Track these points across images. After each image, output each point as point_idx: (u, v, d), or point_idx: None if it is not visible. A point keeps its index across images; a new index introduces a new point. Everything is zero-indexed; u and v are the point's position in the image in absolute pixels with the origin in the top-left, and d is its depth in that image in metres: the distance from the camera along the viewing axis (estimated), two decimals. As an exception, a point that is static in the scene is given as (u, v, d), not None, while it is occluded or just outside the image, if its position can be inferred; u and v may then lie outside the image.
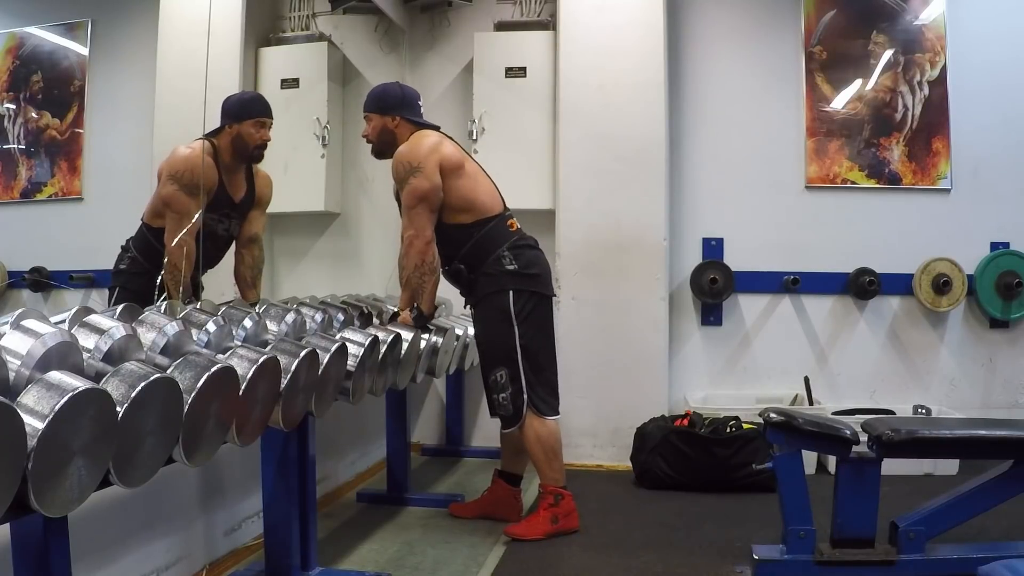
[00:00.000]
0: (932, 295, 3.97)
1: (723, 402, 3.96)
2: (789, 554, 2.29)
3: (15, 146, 2.84)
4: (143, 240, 2.62)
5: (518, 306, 2.80)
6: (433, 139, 2.85)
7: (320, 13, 4.00)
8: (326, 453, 3.26)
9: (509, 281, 2.81)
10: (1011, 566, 1.61)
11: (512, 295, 2.80)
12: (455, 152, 2.86)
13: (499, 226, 2.85)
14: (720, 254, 4.11)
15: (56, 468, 1.32)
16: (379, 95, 2.94)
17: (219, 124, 2.71)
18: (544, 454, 2.84)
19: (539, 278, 2.85)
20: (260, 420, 1.96)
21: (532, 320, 2.82)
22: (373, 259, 4.17)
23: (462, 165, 2.85)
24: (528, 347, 2.81)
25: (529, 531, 2.82)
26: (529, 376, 2.81)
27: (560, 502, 2.85)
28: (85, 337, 1.64)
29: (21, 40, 2.87)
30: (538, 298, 2.85)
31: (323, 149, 3.80)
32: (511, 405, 2.82)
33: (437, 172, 2.78)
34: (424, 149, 2.80)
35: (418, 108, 2.96)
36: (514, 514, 2.97)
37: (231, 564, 2.55)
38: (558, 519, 2.84)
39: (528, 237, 2.92)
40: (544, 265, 2.91)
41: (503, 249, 2.81)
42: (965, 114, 4.02)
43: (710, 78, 4.14)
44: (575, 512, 2.89)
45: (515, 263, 2.81)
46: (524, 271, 2.81)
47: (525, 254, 2.84)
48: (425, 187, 2.77)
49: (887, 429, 2.29)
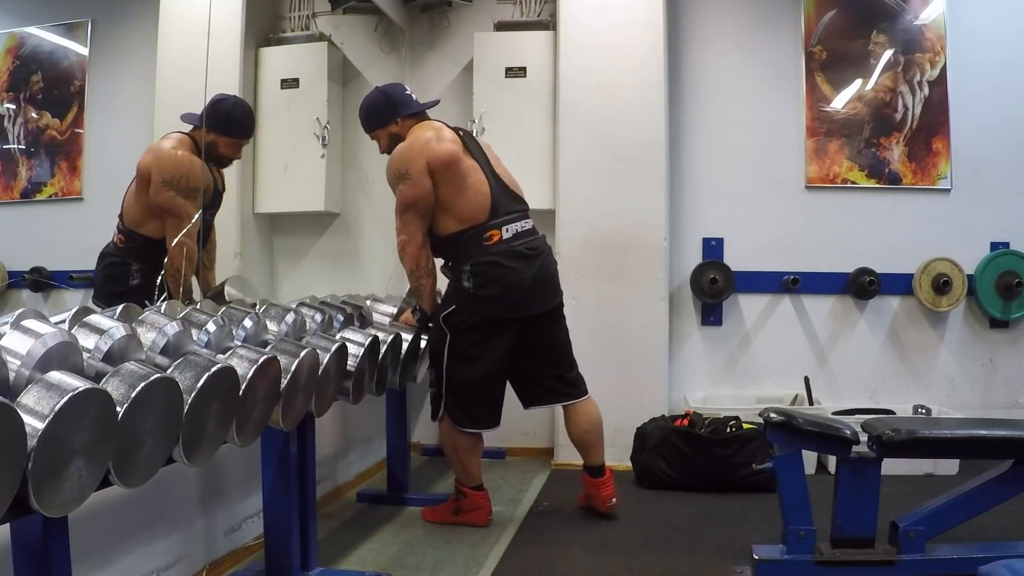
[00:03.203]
0: (932, 295, 3.97)
1: (723, 402, 3.96)
2: (789, 554, 2.29)
3: (15, 146, 2.83)
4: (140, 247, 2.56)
5: (457, 318, 2.83)
6: (425, 137, 2.81)
7: (320, 13, 4.00)
8: (326, 453, 3.26)
9: (457, 298, 2.84)
10: (1011, 566, 1.61)
11: (455, 307, 2.83)
12: (446, 150, 2.79)
13: (475, 238, 2.78)
14: (720, 254, 4.11)
15: (56, 468, 1.32)
16: (368, 111, 2.95)
17: (200, 123, 2.65)
18: (453, 455, 2.99)
19: (491, 300, 2.78)
20: (260, 420, 1.96)
21: (469, 335, 2.82)
22: (373, 259, 4.17)
23: (452, 164, 2.78)
24: (457, 358, 2.84)
25: (434, 516, 3.05)
26: (453, 385, 2.86)
27: (461, 499, 3.00)
28: (85, 337, 1.64)
29: (21, 40, 2.87)
30: (484, 318, 2.81)
31: (323, 149, 3.80)
32: (431, 403, 2.98)
33: (425, 175, 2.76)
34: (413, 152, 2.78)
35: (409, 99, 2.93)
36: (599, 502, 3.05)
37: (231, 564, 2.55)
38: (459, 511, 3.00)
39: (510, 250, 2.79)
40: (511, 285, 2.78)
41: (466, 264, 2.79)
42: (965, 114, 4.02)
43: (710, 78, 4.14)
44: (482, 510, 3.00)
45: (471, 280, 2.78)
46: (476, 292, 2.78)
47: (487, 272, 2.77)
48: (412, 195, 2.77)
49: (887, 429, 2.29)
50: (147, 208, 2.55)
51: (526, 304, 2.83)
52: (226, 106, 2.72)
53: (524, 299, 2.82)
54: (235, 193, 3.38)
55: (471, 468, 2.99)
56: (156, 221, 2.55)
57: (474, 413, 2.90)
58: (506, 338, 2.86)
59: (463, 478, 3.00)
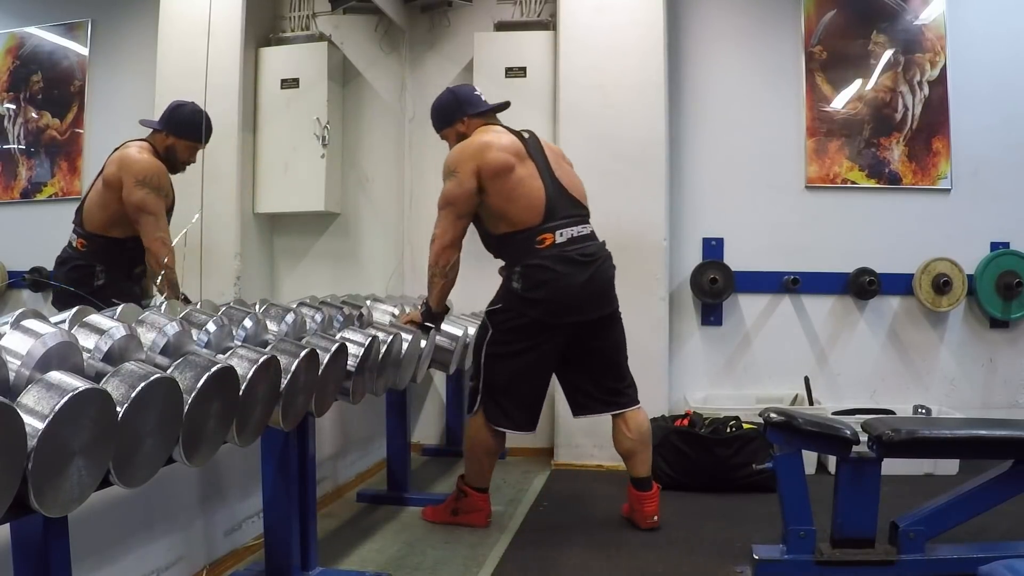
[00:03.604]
0: (932, 295, 3.97)
1: (723, 402, 3.96)
2: (789, 554, 2.29)
3: (15, 146, 2.84)
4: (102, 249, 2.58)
5: (503, 316, 2.82)
6: (482, 141, 2.83)
7: (320, 13, 4.00)
8: (326, 453, 3.26)
9: (504, 298, 2.83)
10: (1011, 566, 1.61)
11: (501, 306, 2.83)
12: (498, 159, 2.78)
13: (527, 241, 2.76)
14: (720, 254, 4.11)
15: (56, 468, 1.32)
16: (437, 110, 3.01)
17: (159, 127, 2.69)
18: (471, 452, 2.97)
19: (538, 303, 2.75)
20: (260, 420, 1.96)
21: (511, 334, 2.80)
22: (373, 259, 4.18)
23: (502, 173, 2.77)
24: (496, 355, 2.83)
25: (434, 516, 3.04)
26: (489, 381, 2.86)
27: (463, 499, 2.98)
28: (85, 337, 1.64)
29: (21, 40, 2.87)
30: (530, 321, 2.78)
31: (323, 149, 3.80)
32: (469, 396, 2.99)
33: (472, 178, 2.76)
34: (465, 155, 2.81)
35: (477, 99, 2.97)
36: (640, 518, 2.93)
37: (231, 564, 2.55)
38: (458, 512, 2.98)
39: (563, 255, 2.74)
40: (559, 290, 2.73)
41: (517, 266, 2.78)
42: (965, 114, 4.03)
43: (710, 78, 4.14)
44: (482, 511, 2.98)
45: (520, 282, 2.77)
46: (524, 293, 2.76)
47: (536, 275, 2.74)
48: (454, 193, 2.79)
49: (887, 429, 2.29)
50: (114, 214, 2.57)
51: (573, 310, 2.78)
52: (186, 111, 2.75)
53: (572, 305, 2.77)
54: (235, 193, 3.39)
55: (485, 469, 2.96)
56: (121, 225, 2.58)
57: (509, 412, 2.86)
58: (552, 344, 2.82)
59: (473, 477, 2.97)
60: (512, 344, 2.81)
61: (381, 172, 4.20)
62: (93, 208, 2.59)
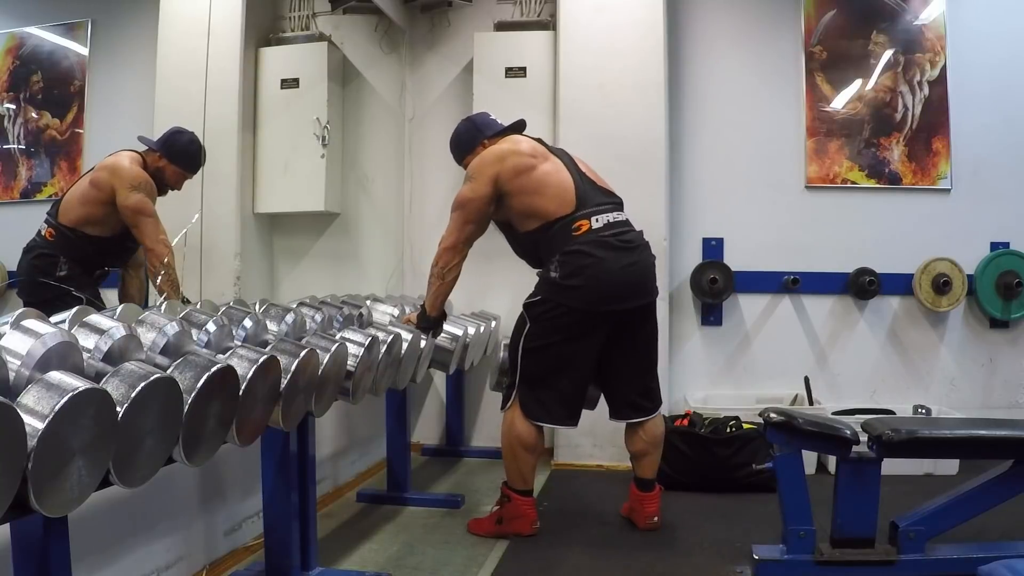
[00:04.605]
0: (932, 295, 3.97)
1: (723, 402, 3.95)
2: (789, 554, 2.29)
3: (15, 146, 2.84)
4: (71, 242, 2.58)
5: (541, 307, 2.76)
6: (504, 147, 2.83)
7: (320, 13, 4.00)
8: (326, 453, 3.26)
9: (543, 288, 2.77)
10: (1011, 566, 1.61)
11: (540, 298, 2.77)
12: (522, 158, 2.79)
13: (563, 229, 2.72)
14: (720, 254, 4.11)
15: (56, 468, 1.32)
16: (457, 140, 3.01)
17: (156, 146, 2.72)
18: (509, 450, 2.84)
19: (577, 290, 2.68)
20: (260, 420, 1.96)
21: (549, 326, 2.74)
22: (373, 259, 4.17)
23: (523, 172, 2.77)
24: (533, 350, 2.77)
25: (477, 528, 2.90)
26: (526, 375, 2.79)
27: (506, 504, 2.85)
28: (85, 337, 1.64)
29: (21, 40, 2.87)
30: (568, 310, 2.71)
31: (323, 149, 3.80)
32: (504, 391, 2.92)
33: (489, 185, 2.76)
34: (485, 162, 2.81)
35: (493, 122, 2.99)
36: (639, 517, 2.93)
37: (231, 564, 2.55)
38: (502, 520, 2.85)
39: (600, 239, 2.71)
40: (598, 276, 2.68)
41: (556, 255, 2.73)
42: (965, 114, 4.03)
43: (710, 78, 4.14)
44: (526, 518, 2.84)
45: (558, 270, 2.71)
46: (562, 281, 2.70)
47: (573, 262, 2.69)
48: (466, 196, 2.79)
49: (887, 429, 2.29)
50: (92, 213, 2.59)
51: (613, 298, 2.71)
52: (184, 139, 2.78)
53: (611, 292, 2.71)
54: (235, 193, 3.39)
55: (524, 468, 2.83)
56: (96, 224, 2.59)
57: (548, 406, 2.78)
58: (593, 339, 2.76)
59: (513, 478, 2.85)
60: (550, 336, 2.74)
61: (381, 172, 4.20)
62: (72, 202, 2.61)
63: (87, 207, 2.59)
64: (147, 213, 2.60)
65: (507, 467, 2.87)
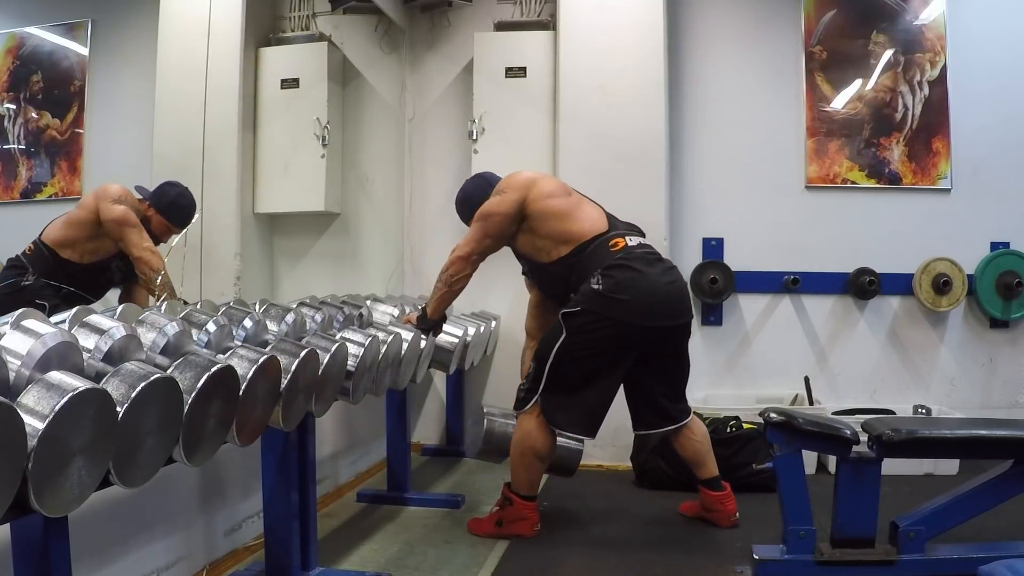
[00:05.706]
0: (932, 295, 3.97)
1: (723, 402, 3.95)
2: (789, 554, 2.29)
3: (15, 146, 2.84)
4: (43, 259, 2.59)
5: (581, 319, 2.69)
6: (532, 175, 2.89)
7: (320, 13, 4.00)
8: (326, 453, 3.26)
9: (585, 300, 2.70)
10: (1011, 566, 1.61)
11: (580, 309, 2.70)
12: (552, 184, 2.88)
13: (599, 248, 2.73)
14: (720, 254, 4.11)
15: (56, 468, 1.32)
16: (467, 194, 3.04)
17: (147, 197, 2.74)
18: (521, 458, 2.82)
19: (623, 304, 2.64)
20: (260, 420, 1.96)
21: (588, 338, 2.69)
22: (373, 259, 4.17)
23: (557, 193, 2.83)
24: (567, 360, 2.72)
25: (477, 528, 2.89)
26: (556, 385, 2.75)
27: (507, 507, 2.84)
28: (85, 337, 1.64)
29: (21, 40, 2.87)
30: (612, 323, 2.66)
31: (323, 149, 3.80)
32: (522, 391, 2.82)
33: (516, 205, 2.80)
34: (517, 182, 2.86)
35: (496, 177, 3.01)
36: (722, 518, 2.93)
37: (231, 564, 2.55)
38: (503, 523, 2.84)
39: (640, 254, 2.73)
40: (643, 291, 2.66)
41: (598, 269, 2.70)
42: (965, 114, 4.03)
43: (710, 78, 4.14)
44: (527, 521, 2.83)
45: (602, 283, 2.67)
46: (608, 293, 2.66)
47: (617, 276, 2.67)
48: (492, 208, 2.82)
49: (887, 429, 2.29)
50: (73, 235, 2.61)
51: (659, 314, 2.70)
52: (173, 192, 2.79)
53: (657, 308, 2.69)
54: (235, 193, 3.39)
55: (534, 476, 2.83)
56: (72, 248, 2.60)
57: (572, 415, 2.76)
58: (630, 354, 2.75)
59: (520, 483, 2.83)
60: (586, 348, 2.69)
61: (381, 172, 4.20)
62: (57, 224, 2.63)
63: (69, 229, 2.61)
64: (130, 223, 2.62)
65: (515, 473, 2.85)
